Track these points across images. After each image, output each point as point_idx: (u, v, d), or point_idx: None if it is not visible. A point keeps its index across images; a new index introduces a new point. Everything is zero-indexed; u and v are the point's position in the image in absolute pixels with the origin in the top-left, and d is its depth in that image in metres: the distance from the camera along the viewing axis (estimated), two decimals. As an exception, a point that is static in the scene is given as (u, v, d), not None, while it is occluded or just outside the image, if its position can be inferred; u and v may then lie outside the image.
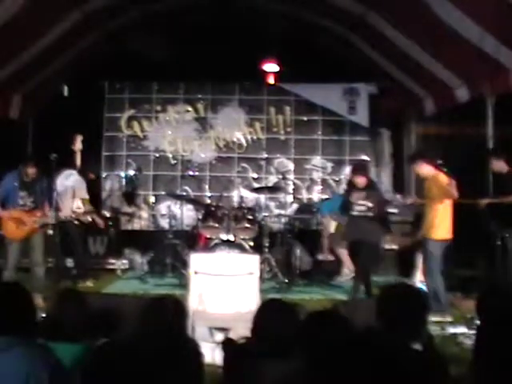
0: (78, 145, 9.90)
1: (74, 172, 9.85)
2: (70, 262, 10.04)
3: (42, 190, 8.64)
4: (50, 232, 9.21)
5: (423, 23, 8.60)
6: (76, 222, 9.76)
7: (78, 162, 9.97)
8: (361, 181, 8.72)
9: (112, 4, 9.99)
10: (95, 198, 11.37)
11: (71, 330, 4.10)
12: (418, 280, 8.83)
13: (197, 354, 3.85)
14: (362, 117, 12.58)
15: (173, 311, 4.05)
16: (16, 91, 10.91)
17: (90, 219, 10.09)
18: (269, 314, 3.85)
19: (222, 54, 11.59)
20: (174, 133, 12.87)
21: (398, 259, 10.67)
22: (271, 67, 12.68)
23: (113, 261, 11.04)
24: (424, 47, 9.36)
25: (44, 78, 10.95)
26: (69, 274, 9.74)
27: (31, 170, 8.50)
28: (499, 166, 8.51)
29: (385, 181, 12.65)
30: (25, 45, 9.43)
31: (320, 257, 11.05)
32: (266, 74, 12.77)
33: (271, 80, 12.82)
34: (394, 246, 10.74)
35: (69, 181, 9.65)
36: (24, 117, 11.43)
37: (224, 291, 6.64)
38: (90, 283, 9.69)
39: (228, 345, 4.06)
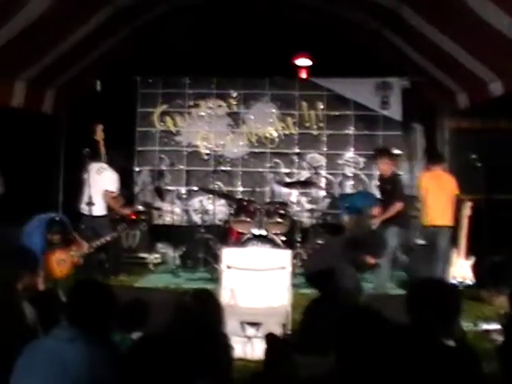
0: (100, 134, 9.90)
1: (105, 166, 9.84)
2: (102, 256, 10.11)
3: (68, 229, 8.57)
4: (82, 226, 9.31)
5: (457, 17, 8.51)
6: (109, 216, 9.81)
7: (103, 151, 9.94)
8: (384, 167, 8.68)
9: (144, -2, 10.06)
10: (128, 192, 11.48)
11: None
12: (451, 275, 8.76)
13: (227, 347, 3.86)
14: (394, 111, 12.49)
15: (205, 305, 4.07)
16: (49, 86, 11.02)
17: (125, 211, 10.14)
18: (311, 311, 3.85)
19: (254, 48, 11.59)
20: (206, 128, 12.89)
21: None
22: (303, 62, 12.64)
23: (145, 255, 11.11)
24: (458, 41, 9.26)
25: (77, 73, 11.03)
26: (101, 268, 9.81)
27: (56, 237, 8.36)
28: None
29: (417, 176, 12.54)
30: (58, 40, 9.52)
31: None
32: (298, 68, 12.73)
33: (303, 75, 12.78)
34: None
35: (101, 176, 9.67)
36: (57, 112, 11.54)
37: (256, 286, 6.64)
38: (122, 277, 9.76)
39: (271, 339, 4.07)
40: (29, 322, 4.24)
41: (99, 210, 9.51)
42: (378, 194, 9.77)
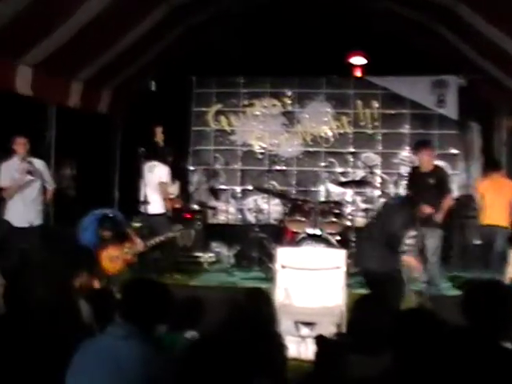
0: (160, 136, 9.97)
1: (157, 163, 9.89)
2: (157, 254, 10.19)
3: (122, 226, 8.67)
4: (137, 224, 9.41)
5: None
6: (167, 214, 9.88)
7: (162, 153, 10.01)
8: (427, 160, 8.52)
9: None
10: (183, 190, 11.56)
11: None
12: (508, 276, 8.58)
13: (281, 346, 3.85)
14: (450, 110, 12.29)
15: (259, 304, 4.07)
16: (105, 86, 11.18)
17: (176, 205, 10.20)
18: (364, 309, 3.81)
19: (308, 47, 11.55)
20: (261, 127, 12.90)
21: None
22: (358, 60, 12.53)
23: (200, 254, 11.16)
24: (517, 39, 9.08)
25: (132, 73, 11.16)
26: (157, 266, 9.89)
27: (107, 233, 8.39)
28: None
29: (474, 175, 12.33)
30: (114, 40, 9.65)
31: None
32: (352, 67, 12.63)
33: (358, 73, 12.67)
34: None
35: (153, 173, 9.73)
36: (113, 111, 11.70)
37: (310, 285, 6.62)
38: (177, 276, 9.83)
39: (321, 340, 4.05)
40: (85, 319, 4.30)
41: (156, 208, 9.58)
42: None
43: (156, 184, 9.63)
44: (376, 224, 7.20)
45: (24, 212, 8.33)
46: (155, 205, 9.55)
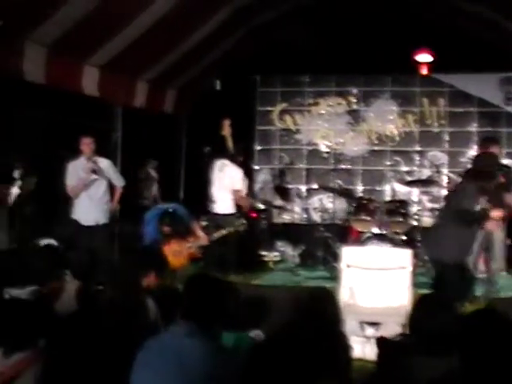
0: (227, 130, 9.95)
1: (227, 162, 9.88)
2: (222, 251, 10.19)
3: (183, 221, 8.73)
4: (204, 223, 9.46)
5: None
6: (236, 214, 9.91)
7: (231, 146, 9.92)
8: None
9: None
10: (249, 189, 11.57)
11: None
12: None
13: (346, 347, 3.80)
14: (519, 107, 12.00)
15: (324, 304, 4.03)
16: (170, 86, 11.28)
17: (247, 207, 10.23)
18: (427, 309, 3.73)
19: (374, 44, 11.41)
20: (326, 126, 12.83)
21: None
22: (424, 57, 12.31)
23: (264, 253, 11.15)
24: None
25: (197, 72, 11.24)
26: (222, 265, 9.92)
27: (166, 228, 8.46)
28: None
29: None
30: (178, 40, 9.73)
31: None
32: (418, 64, 12.41)
33: (424, 70, 12.45)
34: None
35: (223, 172, 9.74)
36: (177, 111, 11.81)
37: (375, 285, 6.55)
38: (241, 274, 9.82)
39: (383, 342, 3.98)
40: (151, 318, 4.33)
41: (223, 207, 9.62)
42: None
43: (226, 184, 9.64)
44: (446, 206, 7.10)
45: (90, 211, 8.46)
46: (224, 204, 9.57)
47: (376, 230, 9.41)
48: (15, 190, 8.68)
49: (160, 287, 5.50)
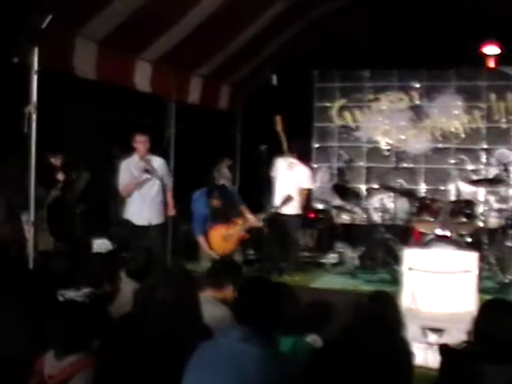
0: (280, 125, 9.93)
1: (295, 160, 9.88)
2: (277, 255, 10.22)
3: (232, 198, 8.88)
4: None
5: None
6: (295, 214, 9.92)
7: (285, 144, 9.93)
8: None
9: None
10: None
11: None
12: None
13: (408, 354, 3.77)
14: None
15: (384, 308, 4.01)
16: (225, 82, 11.33)
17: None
18: (493, 315, 3.67)
19: (437, 36, 11.25)
20: (387, 122, 12.74)
21: None
22: (491, 50, 12.10)
23: (322, 254, 11.12)
24: None
25: (252, 67, 11.25)
26: (277, 266, 9.93)
27: (216, 202, 8.77)
28: None
29: None
30: (233, 35, 9.75)
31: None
32: (485, 57, 12.21)
33: (491, 64, 12.24)
34: None
35: (293, 171, 9.73)
36: (233, 107, 11.86)
37: (439, 289, 6.48)
38: (297, 277, 9.82)
39: (446, 350, 3.93)
40: (206, 321, 4.36)
41: (289, 208, 9.66)
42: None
43: (294, 183, 9.68)
44: None
45: (143, 211, 8.56)
46: (290, 205, 9.62)
47: (439, 232, 9.28)
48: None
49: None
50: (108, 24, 7.81)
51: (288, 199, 9.21)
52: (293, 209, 9.72)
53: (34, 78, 7.00)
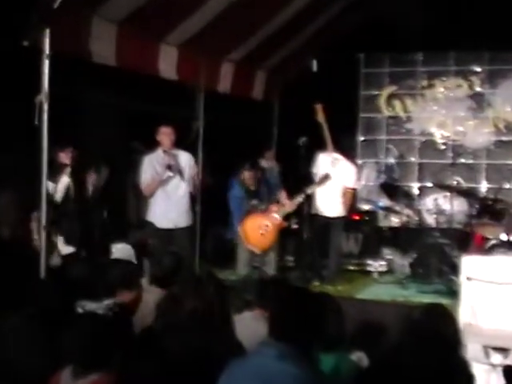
0: (321, 116, 9.87)
1: (339, 156, 9.87)
2: (318, 262, 10.21)
3: (268, 182, 8.96)
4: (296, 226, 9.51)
5: None
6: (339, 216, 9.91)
7: (327, 137, 9.85)
8: None
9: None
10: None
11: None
12: None
13: (468, 376, 3.73)
14: None
15: (439, 324, 3.98)
16: (259, 68, 11.33)
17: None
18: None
19: (501, 13, 11.13)
20: (443, 112, 12.66)
21: None
22: None
23: (369, 261, 11.08)
24: None
25: (290, 52, 11.23)
26: (318, 275, 9.92)
27: (249, 175, 8.96)
28: None
29: None
30: (268, 16, 9.73)
31: None
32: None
33: None
34: None
35: (337, 168, 9.73)
36: (268, 97, 11.86)
37: (503, 303, 6.42)
38: (340, 287, 9.80)
39: (510, 372, 3.89)
40: (238, 335, 4.36)
41: (333, 209, 9.66)
42: None
43: (338, 182, 9.68)
44: None
45: (168, 212, 8.56)
46: (333, 205, 9.63)
47: (504, 237, 9.23)
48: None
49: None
50: (129, 3, 7.83)
51: (325, 178, 9.21)
52: (335, 210, 9.72)
53: (46, 63, 7.03)
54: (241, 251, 9.24)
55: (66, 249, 8.40)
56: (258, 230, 9.05)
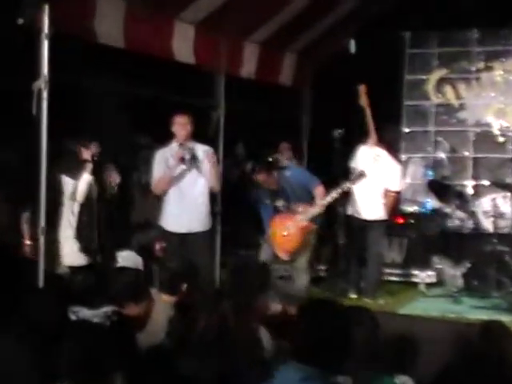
0: (364, 99, 9.82)
1: (383, 151, 9.90)
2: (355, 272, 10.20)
3: (289, 179, 8.96)
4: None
5: None
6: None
7: (370, 125, 9.86)
8: None
9: None
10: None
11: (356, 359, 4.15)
12: None
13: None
14: None
15: (498, 343, 3.96)
16: (288, 49, 11.32)
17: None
18: None
19: None
20: (501, 99, 12.59)
21: None
22: None
23: (414, 272, 11.06)
24: None
25: (323, 30, 11.20)
26: (355, 286, 9.91)
27: (263, 178, 8.96)
28: None
29: None
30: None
31: None
32: None
33: None
34: None
35: (378, 165, 9.77)
36: (299, 82, 11.86)
37: None
38: (381, 300, 9.79)
39: None
40: (265, 352, 4.36)
41: (372, 211, 9.70)
42: None
43: (380, 181, 9.69)
44: None
45: (182, 214, 8.53)
46: (374, 207, 9.66)
47: None
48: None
49: (275, 314, 5.55)
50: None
51: (360, 176, 9.19)
52: (375, 212, 9.70)
53: (45, 44, 7.06)
54: (264, 256, 9.22)
55: (77, 258, 8.33)
56: (282, 231, 9.02)
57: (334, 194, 9.04)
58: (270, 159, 9.22)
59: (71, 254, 8.23)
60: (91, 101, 10.58)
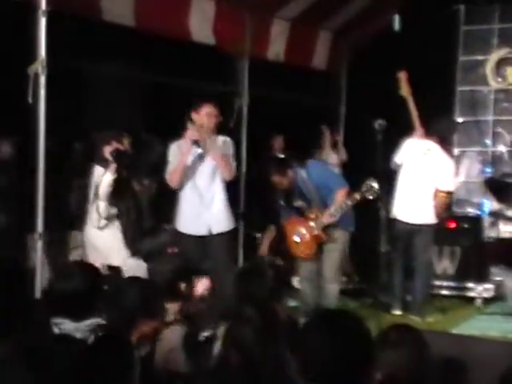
0: (405, 87, 9.81)
1: (434, 145, 9.89)
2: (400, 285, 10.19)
3: (306, 180, 8.94)
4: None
5: None
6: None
7: (415, 118, 9.89)
8: None
9: None
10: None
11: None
12: None
13: None
14: None
15: None
16: (322, 28, 11.30)
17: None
18: None
19: None
20: None
21: None
22: None
23: (469, 285, 11.02)
24: None
25: (363, 5, 11.18)
26: (399, 301, 9.89)
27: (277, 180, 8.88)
28: None
29: None
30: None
31: None
32: None
33: None
34: None
35: (429, 158, 9.78)
36: (334, 65, 11.84)
37: None
38: (430, 318, 9.78)
39: None
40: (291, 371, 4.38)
41: (420, 214, 9.74)
42: None
43: (429, 180, 9.70)
44: None
45: (198, 214, 8.55)
46: (420, 210, 9.67)
47: None
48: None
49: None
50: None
51: (372, 189, 9.17)
52: (423, 216, 9.68)
53: (42, 22, 7.09)
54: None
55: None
56: (293, 236, 9.02)
57: (339, 207, 8.98)
58: (282, 156, 9.22)
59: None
60: (100, 88, 10.63)
